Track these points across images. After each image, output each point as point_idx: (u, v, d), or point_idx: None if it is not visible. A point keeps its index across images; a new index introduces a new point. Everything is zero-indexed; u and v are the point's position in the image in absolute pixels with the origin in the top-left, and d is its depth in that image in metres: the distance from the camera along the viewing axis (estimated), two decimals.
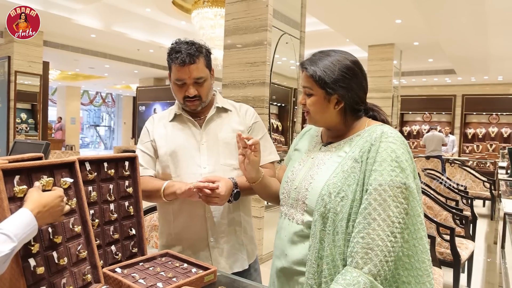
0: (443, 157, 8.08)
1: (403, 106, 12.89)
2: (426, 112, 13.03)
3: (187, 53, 1.30)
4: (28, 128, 7.49)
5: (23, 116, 7.50)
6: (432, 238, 2.52)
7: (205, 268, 1.10)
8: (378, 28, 6.55)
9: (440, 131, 9.40)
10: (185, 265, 1.13)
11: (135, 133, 13.02)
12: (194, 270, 1.10)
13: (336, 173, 1.01)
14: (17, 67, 7.02)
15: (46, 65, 7.65)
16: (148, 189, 1.33)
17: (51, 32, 7.47)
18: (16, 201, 0.89)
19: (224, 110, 1.46)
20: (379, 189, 0.92)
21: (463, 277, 3.14)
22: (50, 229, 0.93)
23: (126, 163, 1.23)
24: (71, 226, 0.99)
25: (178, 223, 1.37)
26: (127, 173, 1.23)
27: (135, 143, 12.63)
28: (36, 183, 0.92)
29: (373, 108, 1.13)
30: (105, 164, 1.16)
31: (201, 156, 1.37)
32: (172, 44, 1.36)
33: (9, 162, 0.91)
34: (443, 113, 12.59)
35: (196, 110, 1.40)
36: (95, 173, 1.13)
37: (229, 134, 1.40)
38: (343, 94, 1.04)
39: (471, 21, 5.42)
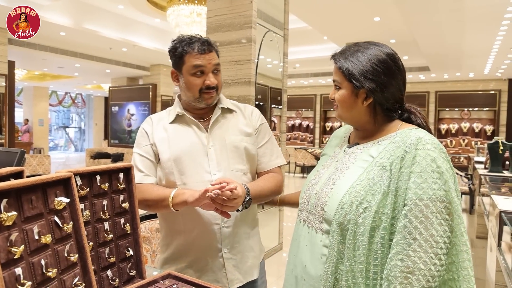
0: None
1: None
2: None
3: (204, 41, 1.27)
4: None
5: None
6: None
7: None
8: (356, 26, 6.58)
9: None
10: None
11: (108, 135, 12.58)
12: None
13: (361, 180, 0.91)
14: None
15: (11, 65, 7.24)
16: (152, 198, 1.21)
17: None
18: (4, 230, 0.72)
19: (229, 111, 1.36)
20: (419, 204, 0.82)
21: None
22: (43, 261, 0.79)
23: (121, 175, 1.09)
24: (66, 255, 0.84)
25: (188, 233, 1.26)
26: (122, 186, 1.08)
27: (108, 145, 12.21)
28: None
29: (410, 110, 1.02)
30: (98, 177, 1.02)
31: (210, 162, 1.26)
32: (175, 40, 1.28)
33: None
34: None
35: (211, 105, 1.31)
36: (87, 189, 0.99)
37: (237, 137, 1.31)
38: (371, 89, 0.94)
39: (450, 18, 5.51)
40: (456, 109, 12.27)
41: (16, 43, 7.83)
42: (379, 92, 0.94)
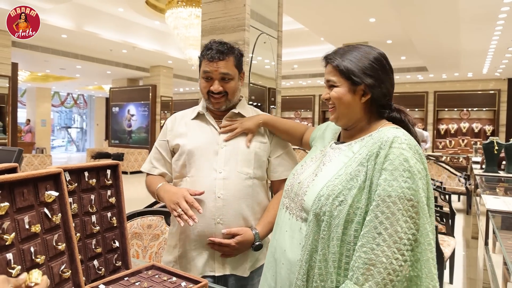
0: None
1: None
2: None
3: (217, 50, 1.34)
4: None
5: None
6: None
7: (196, 281, 1.05)
8: (352, 27, 6.65)
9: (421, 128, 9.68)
10: (174, 278, 1.08)
11: (109, 135, 12.69)
12: (183, 284, 1.05)
13: (339, 175, 0.95)
14: None
15: (15, 66, 7.37)
16: (150, 190, 1.41)
17: None
18: None
19: (241, 116, 1.44)
20: (387, 201, 0.85)
21: (445, 273, 3.19)
22: (32, 249, 0.87)
23: (108, 172, 1.17)
24: (54, 244, 0.92)
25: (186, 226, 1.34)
26: (109, 182, 1.16)
27: (109, 145, 12.32)
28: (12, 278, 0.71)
29: (400, 109, 1.06)
30: (86, 174, 1.10)
31: (218, 160, 1.35)
32: (204, 45, 1.40)
33: None
34: (416, 109, 12.94)
35: (220, 109, 1.40)
36: (75, 184, 1.07)
37: (251, 145, 1.39)
38: (370, 84, 0.98)
39: (444, 18, 5.57)
40: (455, 109, 12.29)
41: (19, 45, 7.95)
42: (378, 87, 0.99)
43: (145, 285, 1.03)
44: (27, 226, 0.87)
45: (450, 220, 4.11)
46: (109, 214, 1.15)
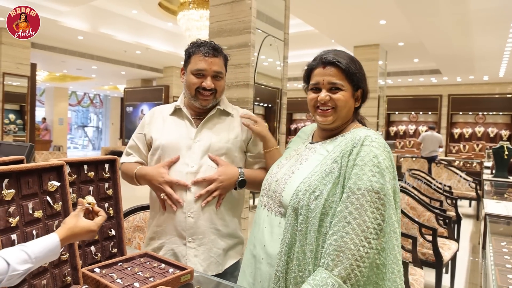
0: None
1: (390, 106, 13.07)
2: (413, 112, 13.23)
3: (211, 46, 1.36)
4: (16, 129, 7.45)
5: (12, 117, 7.46)
6: (413, 239, 2.55)
7: (182, 268, 1.13)
8: (362, 29, 6.65)
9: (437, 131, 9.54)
10: (163, 265, 1.16)
11: (123, 134, 12.96)
12: (171, 270, 1.13)
13: (315, 171, 1.02)
14: (5, 68, 7.04)
15: (33, 67, 7.62)
16: (127, 175, 1.44)
17: (39, 34, 7.35)
18: (4, 204, 0.91)
19: (226, 113, 1.47)
20: (357, 193, 0.92)
21: (446, 277, 3.19)
22: (34, 232, 0.96)
23: (106, 166, 1.26)
24: (54, 229, 1.01)
25: (162, 218, 1.39)
26: (107, 175, 1.26)
27: (123, 144, 12.57)
28: (79, 207, 0.97)
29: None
30: (85, 167, 1.20)
31: (191, 155, 1.37)
32: (192, 42, 1.42)
33: None
34: (429, 113, 12.79)
35: (206, 107, 1.41)
36: (75, 175, 1.16)
37: (223, 137, 1.42)
38: (365, 89, 1.07)
39: (454, 21, 5.53)
40: (470, 113, 12.09)
41: (38, 47, 8.24)
42: (366, 92, 1.08)
43: (136, 270, 1.12)
44: (30, 212, 0.97)
45: (456, 225, 4.09)
46: (106, 205, 1.25)
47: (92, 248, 1.19)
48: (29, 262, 0.79)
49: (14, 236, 0.92)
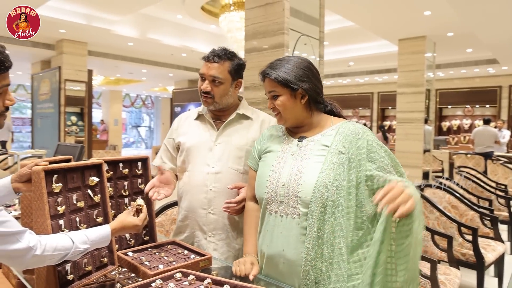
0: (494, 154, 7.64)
1: (441, 100, 12.38)
2: (468, 106, 12.43)
3: (215, 53, 1.45)
4: (78, 130, 8.15)
5: (73, 119, 8.17)
6: (449, 238, 2.49)
7: (203, 255, 1.27)
8: (406, 21, 6.41)
9: (495, 126, 8.89)
10: (186, 251, 1.31)
11: None
12: (192, 256, 1.27)
13: (326, 166, 1.13)
14: (66, 75, 7.72)
15: (90, 73, 8.27)
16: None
17: (94, 42, 8.13)
18: (54, 195, 1.10)
19: (246, 117, 1.55)
20: (388, 167, 1.14)
21: (494, 281, 3.05)
22: (77, 219, 1.15)
23: (139, 164, 1.43)
24: (94, 217, 1.20)
25: (186, 214, 1.53)
26: (140, 172, 1.43)
27: None
28: (129, 208, 1.19)
29: (331, 102, 1.29)
30: (121, 165, 1.37)
31: (212, 156, 1.49)
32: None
33: (49, 164, 1.13)
34: (487, 106, 11.94)
35: (209, 107, 1.52)
36: (112, 172, 1.34)
37: (243, 140, 1.51)
38: (306, 88, 1.19)
39: (506, 5, 5.17)
40: None
41: (94, 54, 8.93)
42: (312, 89, 1.20)
43: (162, 255, 1.27)
44: (74, 202, 1.16)
45: (508, 226, 3.85)
46: (139, 198, 1.41)
47: (127, 235, 1.36)
48: (87, 243, 1.02)
49: (61, 222, 1.11)
